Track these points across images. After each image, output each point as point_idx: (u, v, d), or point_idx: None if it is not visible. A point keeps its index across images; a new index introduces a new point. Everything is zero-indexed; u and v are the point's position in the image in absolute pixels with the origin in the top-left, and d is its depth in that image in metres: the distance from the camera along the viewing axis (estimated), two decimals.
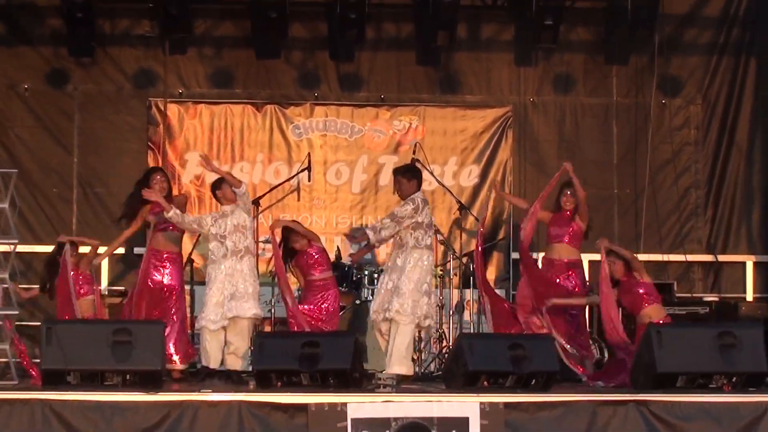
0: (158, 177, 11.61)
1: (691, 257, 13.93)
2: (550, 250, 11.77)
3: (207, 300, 11.15)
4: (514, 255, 13.66)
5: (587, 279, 12.05)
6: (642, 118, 14.17)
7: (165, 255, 11.47)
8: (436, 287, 13.07)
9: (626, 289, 11.14)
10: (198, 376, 11.26)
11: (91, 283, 11.61)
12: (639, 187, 14.09)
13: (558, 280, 11.59)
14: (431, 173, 13.52)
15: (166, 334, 10.70)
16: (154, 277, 11.40)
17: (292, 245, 11.52)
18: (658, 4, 13.62)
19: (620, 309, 11.16)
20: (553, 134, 14.29)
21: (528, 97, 14.27)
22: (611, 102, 14.33)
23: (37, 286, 11.79)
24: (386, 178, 13.95)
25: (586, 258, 12.14)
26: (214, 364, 11.17)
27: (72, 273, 11.13)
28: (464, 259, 13.06)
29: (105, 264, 13.47)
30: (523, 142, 14.20)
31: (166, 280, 11.42)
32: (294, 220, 12.18)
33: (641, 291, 11.09)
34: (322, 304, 11.44)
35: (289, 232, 11.54)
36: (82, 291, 11.40)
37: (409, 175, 11.41)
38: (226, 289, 11.10)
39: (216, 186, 11.47)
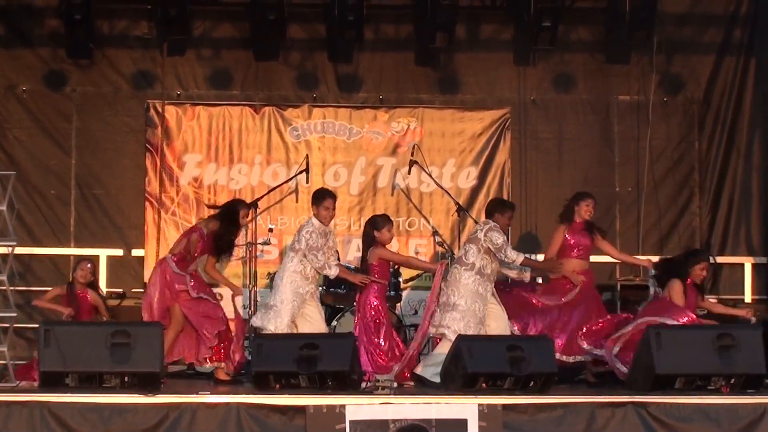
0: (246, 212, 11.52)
1: None
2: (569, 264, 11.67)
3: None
4: None
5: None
6: (643, 117, 14.17)
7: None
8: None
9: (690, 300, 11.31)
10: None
11: None
12: (640, 186, 14.10)
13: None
14: (429, 175, 13.55)
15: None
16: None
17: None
18: (656, 4, 13.63)
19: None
20: (553, 133, 14.30)
21: (528, 97, 14.28)
22: (612, 101, 14.33)
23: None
24: (384, 179, 13.97)
25: None
26: None
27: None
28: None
29: (103, 266, 13.48)
30: (524, 141, 14.21)
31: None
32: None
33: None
34: None
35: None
36: None
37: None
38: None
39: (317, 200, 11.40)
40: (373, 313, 11.17)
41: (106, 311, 11.80)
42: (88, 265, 11.76)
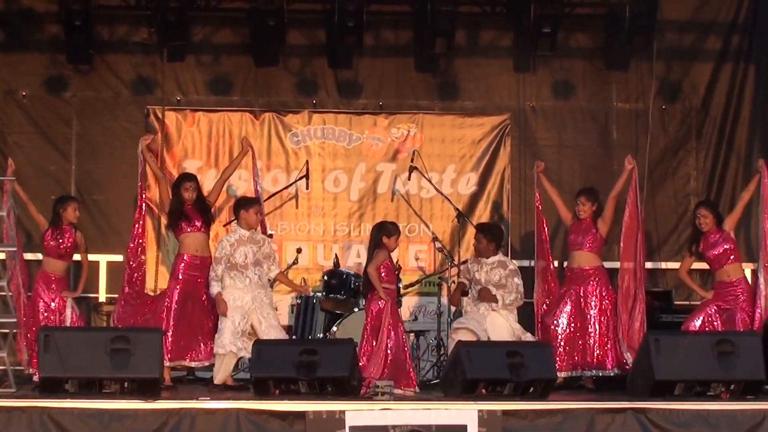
0: (189, 185, 11.65)
1: None
2: (571, 259, 11.78)
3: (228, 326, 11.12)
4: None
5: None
6: (642, 124, 14.18)
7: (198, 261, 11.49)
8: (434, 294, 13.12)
9: (712, 243, 11.48)
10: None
11: None
12: (639, 193, 14.08)
13: (580, 289, 11.60)
14: (429, 181, 13.56)
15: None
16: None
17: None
18: (656, 11, 13.65)
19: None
20: (552, 140, 14.31)
21: (528, 103, 14.29)
22: (611, 107, 14.34)
23: None
24: (384, 185, 13.97)
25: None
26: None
27: None
28: (462, 267, 13.07)
29: (102, 272, 13.48)
30: (523, 148, 14.21)
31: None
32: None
33: (729, 246, 11.47)
34: None
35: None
36: None
37: (489, 236, 11.71)
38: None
39: (245, 205, 11.40)
40: (373, 317, 11.20)
41: (85, 251, 11.78)
42: (78, 206, 11.76)
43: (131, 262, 11.78)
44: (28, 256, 12.70)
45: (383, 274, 11.20)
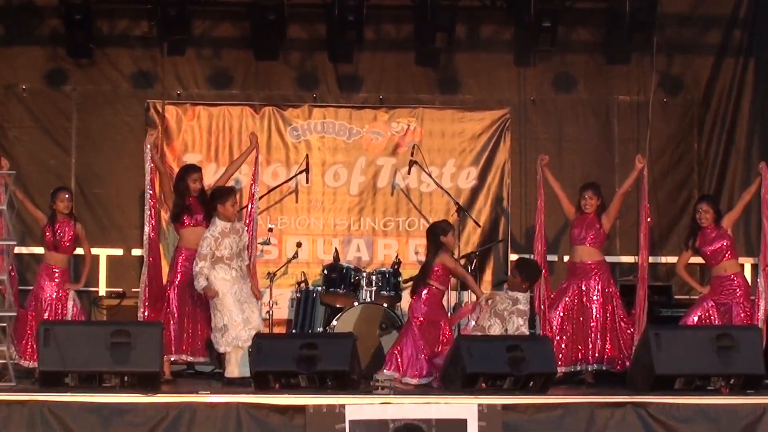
0: (195, 175, 11.72)
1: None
2: (573, 253, 11.78)
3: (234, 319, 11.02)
4: (513, 256, 13.65)
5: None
6: (643, 118, 14.18)
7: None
8: None
9: (710, 239, 11.48)
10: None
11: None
12: (640, 186, 14.09)
13: (582, 283, 11.60)
14: (429, 175, 13.57)
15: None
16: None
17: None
18: (656, 6, 13.64)
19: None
20: (553, 134, 14.30)
21: (528, 97, 14.28)
22: (612, 101, 14.34)
23: None
24: (384, 180, 13.97)
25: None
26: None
27: None
28: (462, 261, 13.07)
29: (103, 266, 13.49)
30: (524, 142, 14.21)
31: None
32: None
33: (725, 243, 11.46)
34: None
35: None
36: None
37: (524, 274, 11.48)
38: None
39: (223, 196, 11.34)
40: (421, 318, 11.22)
41: (87, 242, 11.82)
42: (66, 195, 11.76)
43: (151, 258, 11.72)
44: (23, 250, 12.78)
45: (440, 274, 11.32)
